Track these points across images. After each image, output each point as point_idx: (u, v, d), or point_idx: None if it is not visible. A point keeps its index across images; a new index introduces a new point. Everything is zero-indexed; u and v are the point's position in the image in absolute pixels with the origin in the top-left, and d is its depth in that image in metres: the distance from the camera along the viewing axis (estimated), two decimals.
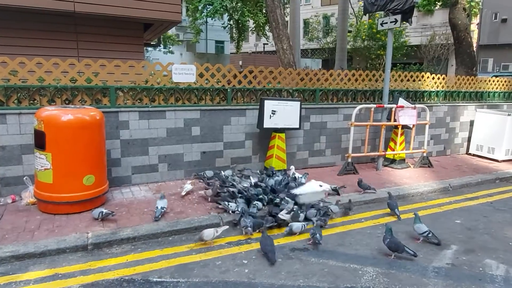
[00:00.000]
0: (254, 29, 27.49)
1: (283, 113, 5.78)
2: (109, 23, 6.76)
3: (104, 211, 3.97)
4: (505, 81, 9.24)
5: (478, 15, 29.95)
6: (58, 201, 4.04)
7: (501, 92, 9.10)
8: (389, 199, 4.88)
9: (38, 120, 3.98)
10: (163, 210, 4.15)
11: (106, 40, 6.79)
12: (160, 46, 13.01)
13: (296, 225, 3.96)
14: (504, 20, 29.60)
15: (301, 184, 5.00)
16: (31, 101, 4.73)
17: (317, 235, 3.77)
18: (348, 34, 22.30)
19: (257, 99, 6.03)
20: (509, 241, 4.00)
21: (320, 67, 27.63)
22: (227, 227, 3.91)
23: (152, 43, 9.94)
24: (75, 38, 6.57)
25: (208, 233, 3.67)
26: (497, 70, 29.29)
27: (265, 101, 5.64)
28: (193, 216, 4.20)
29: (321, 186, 4.63)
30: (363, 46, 25.57)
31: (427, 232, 3.87)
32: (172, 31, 31.15)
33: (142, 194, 4.91)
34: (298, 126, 5.98)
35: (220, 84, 5.90)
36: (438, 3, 27.21)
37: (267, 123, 5.69)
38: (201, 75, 5.72)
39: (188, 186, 4.90)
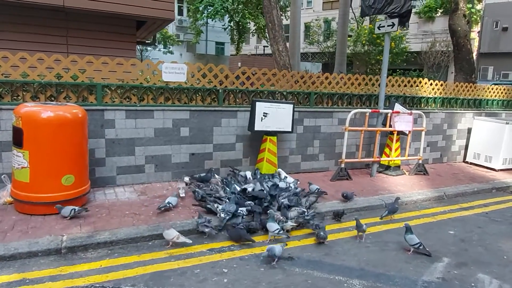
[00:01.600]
0: (254, 31, 27.43)
1: (275, 116, 5.63)
2: (100, 19, 6.61)
3: (77, 208, 3.82)
4: (504, 89, 9.11)
5: (479, 23, 29.91)
6: (35, 201, 3.88)
7: (500, 100, 8.97)
8: (394, 203, 4.83)
9: (16, 116, 3.83)
10: (168, 205, 4.21)
11: (97, 36, 6.64)
12: (155, 44, 12.87)
13: (278, 249, 3.49)
14: (505, 29, 29.53)
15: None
16: (14, 97, 4.58)
17: (322, 233, 3.75)
18: (348, 38, 22.20)
19: (250, 100, 5.89)
20: (504, 255, 3.84)
21: (320, 70, 27.54)
22: (190, 241, 3.65)
23: (147, 41, 9.80)
24: (65, 34, 6.42)
25: (169, 233, 3.57)
26: (497, 79, 29.22)
27: (257, 103, 5.49)
28: (175, 220, 4.04)
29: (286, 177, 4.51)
30: (363, 51, 25.50)
31: (418, 244, 3.72)
32: (172, 31, 31.08)
33: (126, 196, 4.74)
34: (290, 130, 5.83)
35: (211, 84, 5.75)
36: (440, 10, 27.18)
37: (258, 126, 5.53)
38: (192, 75, 5.58)
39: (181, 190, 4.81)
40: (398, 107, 6.66)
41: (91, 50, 6.38)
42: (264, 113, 5.54)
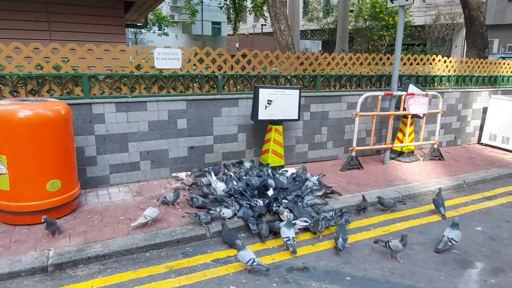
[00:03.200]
0: (251, 9, 26.38)
1: (280, 103, 5.15)
2: (84, 1, 6.01)
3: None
4: None
5: None
6: (17, 210, 3.47)
7: None
8: (436, 195, 4.45)
9: None
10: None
11: (82, 20, 6.06)
12: (147, 27, 12.20)
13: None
14: None
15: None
16: None
17: (340, 239, 3.35)
18: (350, 14, 21.32)
19: (252, 86, 5.40)
20: None
21: (320, 49, 26.72)
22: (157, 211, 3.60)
23: (138, 24, 9.18)
24: (46, 19, 5.84)
25: (151, 211, 3.60)
26: (503, 51, 28.36)
27: (260, 89, 5.00)
28: (175, 226, 3.64)
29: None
30: (365, 27, 24.64)
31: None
32: (166, 12, 30.01)
33: (120, 197, 4.33)
34: (297, 117, 5.35)
35: (209, 70, 5.24)
36: None
37: (262, 115, 5.06)
38: (188, 60, 5.07)
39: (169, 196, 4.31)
40: (412, 88, 6.16)
41: (76, 36, 5.84)
42: (268, 100, 5.05)
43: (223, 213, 3.73)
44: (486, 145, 7.78)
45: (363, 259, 3.31)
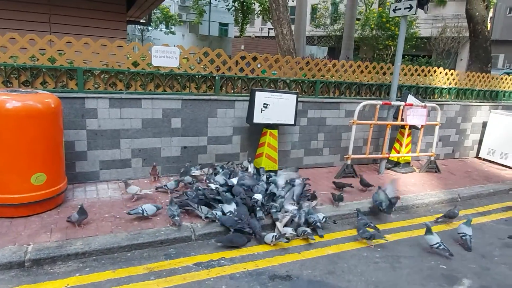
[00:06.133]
0: (259, 12, 26.44)
1: (276, 107, 5.10)
2: None
3: None
4: None
5: (492, 9, 28.73)
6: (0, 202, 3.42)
7: None
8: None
9: None
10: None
11: (83, 15, 6.03)
12: (150, 24, 12.18)
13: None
14: None
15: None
16: None
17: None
18: (356, 22, 21.33)
19: (249, 89, 5.35)
20: None
21: (326, 55, 26.70)
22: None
23: (141, 21, 9.17)
24: (47, 11, 5.82)
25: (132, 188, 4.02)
26: (508, 67, 28.29)
27: (256, 92, 4.95)
28: (160, 226, 3.59)
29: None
30: (371, 36, 24.64)
31: (438, 244, 3.58)
32: (174, 11, 30.10)
33: (108, 194, 4.28)
34: (293, 122, 5.30)
35: (207, 70, 5.20)
36: None
37: (258, 118, 5.01)
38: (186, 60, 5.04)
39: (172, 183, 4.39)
40: (411, 99, 6.10)
41: (76, 29, 5.82)
42: (264, 104, 5.00)
43: (202, 211, 3.73)
44: (484, 159, 7.70)
45: (348, 270, 3.25)
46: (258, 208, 3.90)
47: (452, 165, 7.12)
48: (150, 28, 25.43)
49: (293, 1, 21.86)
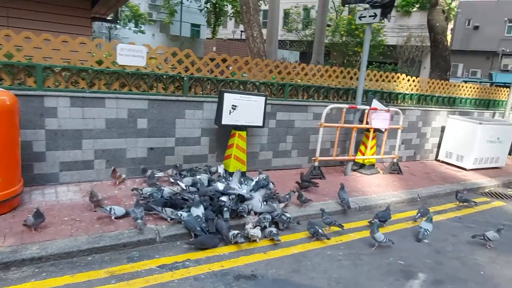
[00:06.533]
0: (232, 14, 26.47)
1: (245, 109, 5.13)
2: None
3: None
4: (476, 88, 9.02)
5: (453, 20, 30.36)
6: None
7: (473, 99, 8.88)
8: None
9: None
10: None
11: (44, 9, 5.78)
12: (117, 22, 11.87)
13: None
14: (476, 27, 30.24)
15: None
16: None
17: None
18: (327, 28, 21.85)
19: (218, 91, 5.34)
20: (480, 269, 3.59)
21: (298, 59, 27.12)
22: None
23: (108, 18, 8.92)
24: (5, 5, 5.53)
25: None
26: (466, 76, 30.01)
27: (225, 94, 4.96)
28: (123, 229, 3.50)
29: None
30: (341, 42, 25.29)
31: (385, 239, 3.78)
32: (144, 9, 29.50)
33: (68, 197, 4.13)
34: (261, 124, 5.34)
35: (175, 71, 5.15)
36: (416, 5, 27.27)
37: (226, 119, 5.01)
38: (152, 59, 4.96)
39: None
40: (375, 103, 6.33)
41: (36, 24, 5.57)
42: (233, 105, 5.02)
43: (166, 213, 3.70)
44: (442, 161, 8.11)
45: (312, 268, 3.31)
46: (225, 210, 3.89)
47: (413, 167, 7.44)
48: (118, 26, 24.79)
49: (265, 5, 22.08)
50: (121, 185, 4.62)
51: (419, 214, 4.71)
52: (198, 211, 3.72)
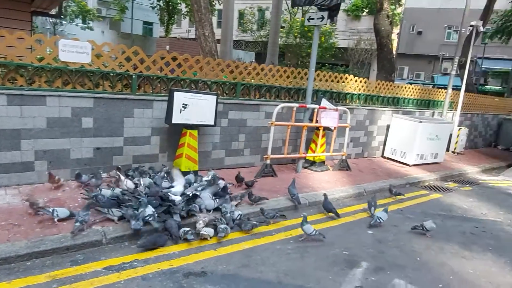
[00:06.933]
0: (186, 13, 26.08)
1: (196, 108, 5.11)
2: None
3: None
4: (418, 89, 9.71)
5: (399, 26, 32.30)
6: None
7: (414, 99, 9.54)
8: (326, 199, 4.84)
9: None
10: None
11: None
12: (61, 17, 11.25)
13: None
14: (419, 33, 32.39)
15: None
16: None
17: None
18: (281, 30, 22.28)
19: (169, 89, 5.27)
20: (417, 256, 3.89)
21: (253, 60, 27.36)
22: None
23: (51, 13, 8.43)
24: None
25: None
26: (411, 78, 32.11)
27: (175, 92, 4.91)
28: (66, 232, 3.35)
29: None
30: (295, 43, 25.89)
31: (314, 231, 3.89)
32: (93, 5, 28.14)
33: (6, 201, 3.87)
34: (213, 123, 5.36)
35: (123, 68, 5.01)
36: (365, 10, 28.66)
37: (177, 118, 4.97)
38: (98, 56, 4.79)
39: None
40: (324, 102, 6.60)
41: None
42: (183, 104, 4.98)
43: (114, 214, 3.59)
44: (388, 158, 8.63)
45: (261, 262, 3.40)
46: (175, 209, 3.86)
47: (361, 164, 7.85)
48: (64, 22, 23.45)
49: (220, 5, 22.02)
50: (65, 187, 4.41)
51: (372, 207, 4.94)
52: (149, 210, 3.66)
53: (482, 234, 4.71)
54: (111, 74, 4.81)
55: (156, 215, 3.64)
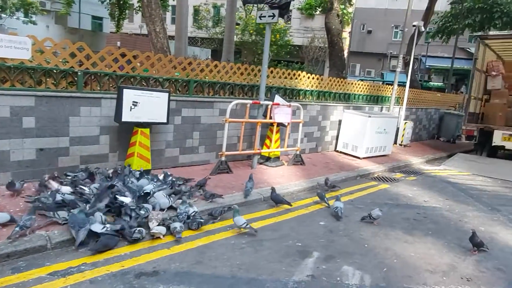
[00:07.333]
0: (138, 8, 25.18)
1: (147, 105, 5.00)
2: None
3: None
4: (367, 85, 10.20)
5: (350, 25, 33.58)
6: None
7: (364, 95, 10.01)
8: (273, 192, 4.94)
9: None
10: None
11: None
12: (1, 10, 10.39)
13: None
14: (369, 32, 33.94)
15: None
16: None
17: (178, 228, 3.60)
18: (237, 27, 22.24)
19: (117, 86, 5.10)
20: (365, 243, 4.11)
21: (209, 57, 27.12)
22: None
23: None
24: None
25: None
26: (363, 75, 33.60)
27: (124, 90, 4.77)
28: (4, 239, 3.15)
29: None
30: (250, 41, 25.99)
31: (245, 224, 3.95)
32: None
33: None
34: (165, 121, 5.27)
35: (67, 65, 4.77)
36: (319, 9, 29.46)
37: (127, 116, 4.82)
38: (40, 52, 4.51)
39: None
40: (278, 99, 6.72)
41: None
42: (133, 101, 4.85)
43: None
44: (340, 152, 8.99)
45: (215, 257, 3.42)
46: (126, 209, 3.77)
47: (315, 158, 8.11)
48: (4, 15, 21.71)
49: (173, 0, 21.52)
50: (4, 192, 4.12)
51: (325, 198, 5.20)
52: (97, 212, 3.54)
53: (424, 219, 5.08)
54: (55, 71, 4.56)
55: (105, 218, 3.52)
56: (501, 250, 4.24)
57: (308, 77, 8.23)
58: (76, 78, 4.76)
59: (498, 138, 9.51)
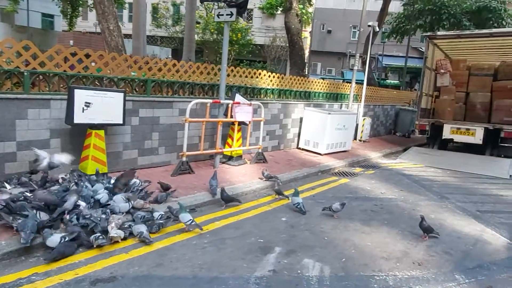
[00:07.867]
0: (92, 6, 24.16)
1: (101, 106, 4.80)
2: None
3: None
4: (327, 83, 10.47)
5: (311, 24, 34.32)
6: None
7: (324, 93, 10.27)
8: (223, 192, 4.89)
9: None
10: None
11: None
12: None
13: None
14: (329, 31, 34.89)
15: None
16: None
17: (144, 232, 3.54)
18: (197, 26, 21.99)
19: (68, 87, 4.86)
20: (325, 236, 4.22)
21: (169, 56, 26.60)
22: None
23: None
24: None
25: None
26: (324, 73, 34.48)
27: (75, 90, 4.55)
28: None
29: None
30: (212, 40, 25.80)
31: (190, 221, 3.90)
32: None
33: None
34: (121, 122, 5.10)
35: (12, 65, 4.48)
36: (280, 8, 29.82)
37: (79, 118, 4.61)
38: None
39: None
40: (238, 97, 6.72)
41: None
42: (86, 102, 4.64)
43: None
44: (302, 149, 9.16)
45: (176, 259, 3.36)
46: (78, 215, 3.60)
47: (278, 156, 8.20)
48: None
49: None
50: None
51: (282, 193, 5.31)
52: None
53: (380, 210, 5.30)
54: None
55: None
56: (448, 235, 4.52)
57: (269, 76, 8.31)
58: (22, 79, 4.48)
59: (447, 132, 10.13)
